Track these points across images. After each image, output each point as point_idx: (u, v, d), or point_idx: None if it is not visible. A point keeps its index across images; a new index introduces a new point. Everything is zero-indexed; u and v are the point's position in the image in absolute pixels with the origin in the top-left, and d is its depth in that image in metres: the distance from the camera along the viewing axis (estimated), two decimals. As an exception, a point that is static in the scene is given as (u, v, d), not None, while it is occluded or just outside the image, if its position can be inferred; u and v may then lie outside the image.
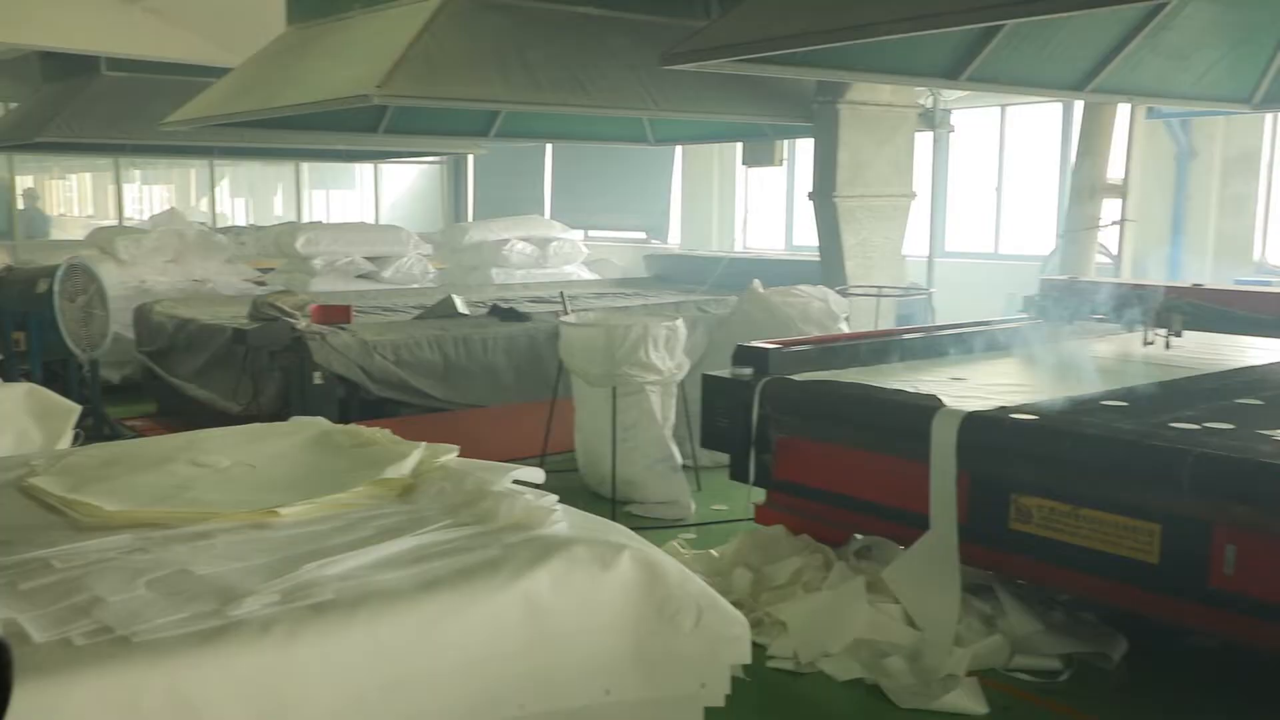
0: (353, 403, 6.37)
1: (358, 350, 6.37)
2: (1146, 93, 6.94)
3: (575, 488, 6.03)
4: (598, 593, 2.34)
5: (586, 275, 12.02)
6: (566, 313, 6.86)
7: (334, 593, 2.11)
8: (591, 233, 14.95)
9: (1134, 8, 5.77)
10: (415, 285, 10.74)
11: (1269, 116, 9.71)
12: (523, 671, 2.24)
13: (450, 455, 2.95)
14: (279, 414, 5.40)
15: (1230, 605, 3.33)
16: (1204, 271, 10.13)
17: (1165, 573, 3.46)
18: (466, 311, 7.61)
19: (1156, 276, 10.19)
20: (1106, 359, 5.31)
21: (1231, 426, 3.75)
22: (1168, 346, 5.40)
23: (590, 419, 6.00)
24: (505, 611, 2.22)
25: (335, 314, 6.90)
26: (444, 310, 7.63)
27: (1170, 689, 3.68)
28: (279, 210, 20.54)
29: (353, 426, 3.28)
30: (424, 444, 2.98)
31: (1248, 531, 3.28)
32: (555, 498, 2.63)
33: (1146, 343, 5.49)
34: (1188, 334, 5.46)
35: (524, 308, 7.95)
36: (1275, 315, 5.30)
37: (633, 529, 2.65)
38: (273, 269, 11.26)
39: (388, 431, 3.16)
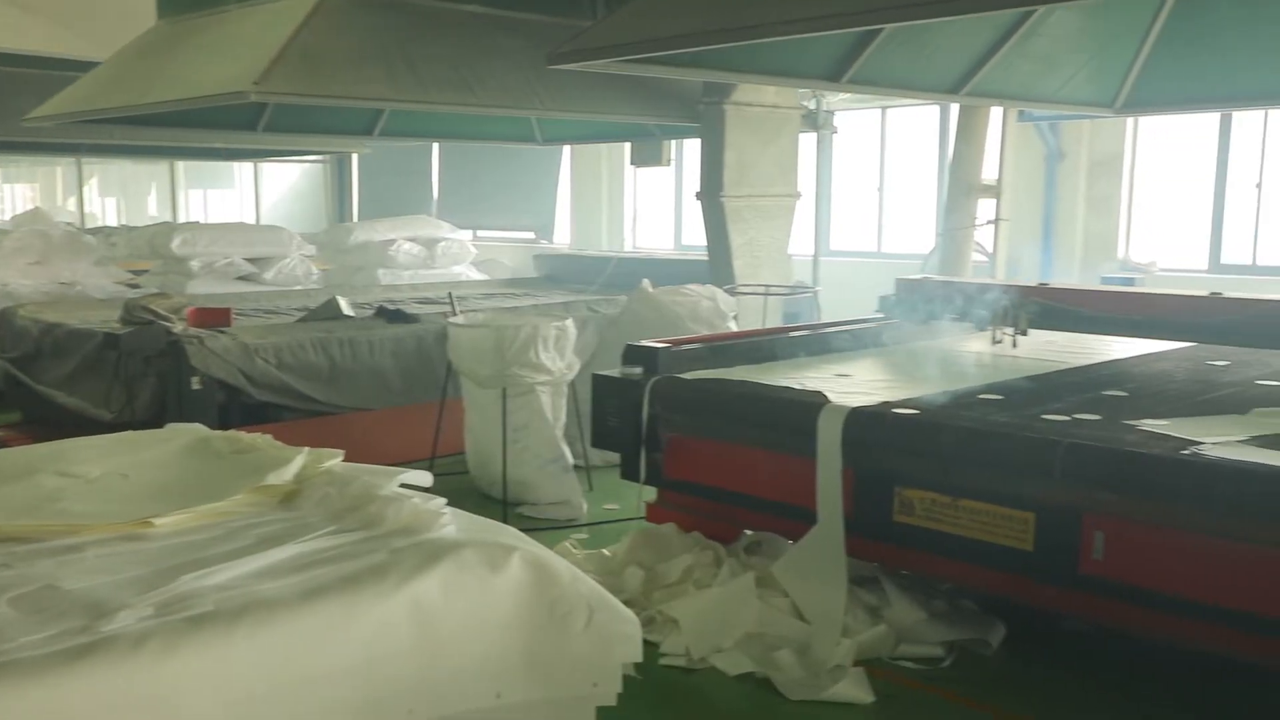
0: (233, 408, 6.19)
1: (238, 354, 6.19)
2: (1017, 96, 7.20)
3: (466, 490, 5.97)
4: (487, 595, 2.32)
5: (475, 276, 11.92)
6: (455, 313, 6.79)
7: (213, 604, 2.04)
8: (480, 233, 14.83)
9: (1004, 14, 5.97)
10: (298, 287, 10.50)
11: (1130, 120, 10.17)
12: (411, 677, 2.21)
13: (335, 460, 2.89)
14: (154, 421, 5.22)
15: (1099, 590, 3.47)
16: (1072, 269, 10.57)
17: (1039, 560, 3.59)
18: (352, 313, 7.46)
19: (1029, 274, 10.59)
20: (962, 357, 5.43)
21: (1099, 417, 3.91)
22: (1014, 345, 5.54)
23: (480, 420, 5.94)
24: (392, 617, 2.18)
25: (214, 317, 6.69)
26: (328, 312, 7.47)
27: (1046, 672, 3.82)
28: (153, 210, 19.84)
29: (232, 433, 3.18)
30: (307, 449, 2.91)
31: (1115, 518, 3.42)
32: (443, 501, 2.60)
33: (995, 341, 5.62)
34: (1035, 332, 5.61)
35: (411, 309, 7.84)
36: (1113, 314, 5.47)
37: (524, 530, 2.64)
38: (146, 271, 10.88)
39: (269, 437, 3.08)
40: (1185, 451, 3.35)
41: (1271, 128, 9.71)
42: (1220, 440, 3.47)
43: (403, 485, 2.70)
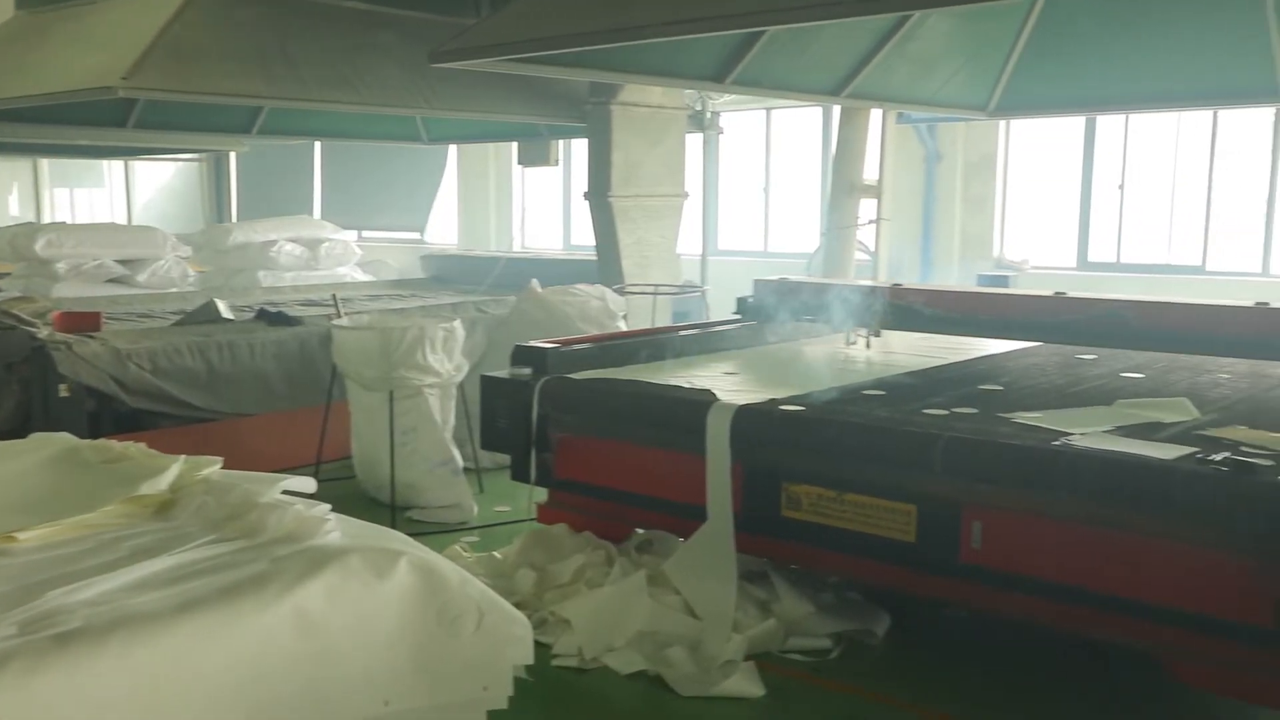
0: (105, 416, 5.95)
1: (109, 359, 5.96)
2: (896, 98, 7.39)
3: (353, 495, 5.86)
4: (374, 602, 2.28)
5: (361, 277, 11.72)
6: (339, 315, 6.65)
7: (81, 620, 1.96)
8: (365, 233, 14.57)
9: (882, 19, 6.12)
10: (174, 290, 10.18)
11: (1003, 123, 10.54)
12: (296, 689, 2.15)
13: (214, 467, 2.80)
14: (18, 431, 4.99)
15: (978, 578, 3.59)
16: (951, 267, 10.91)
17: (921, 550, 3.69)
18: (231, 316, 7.25)
19: (910, 272, 10.89)
20: (842, 356, 5.49)
21: (976, 411, 4.04)
22: (868, 346, 5.59)
23: (367, 424, 5.84)
24: (274, 628, 2.13)
25: (82, 321, 6.42)
26: (206, 315, 7.24)
27: (928, 658, 3.93)
28: (15, 210, 18.90)
29: (103, 441, 3.05)
30: (184, 457, 2.81)
31: (991, 509, 3.54)
32: (328, 507, 2.54)
33: (850, 343, 5.65)
34: (888, 333, 5.64)
35: (294, 311, 7.65)
36: (964, 314, 5.49)
37: (414, 534, 2.61)
38: (8, 274, 10.38)
39: (143, 445, 2.96)
40: (1056, 443, 3.48)
41: (1132, 131, 10.18)
42: (1088, 431, 3.62)
43: (285, 492, 2.63)
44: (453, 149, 13.78)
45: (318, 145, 14.39)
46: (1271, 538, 2.98)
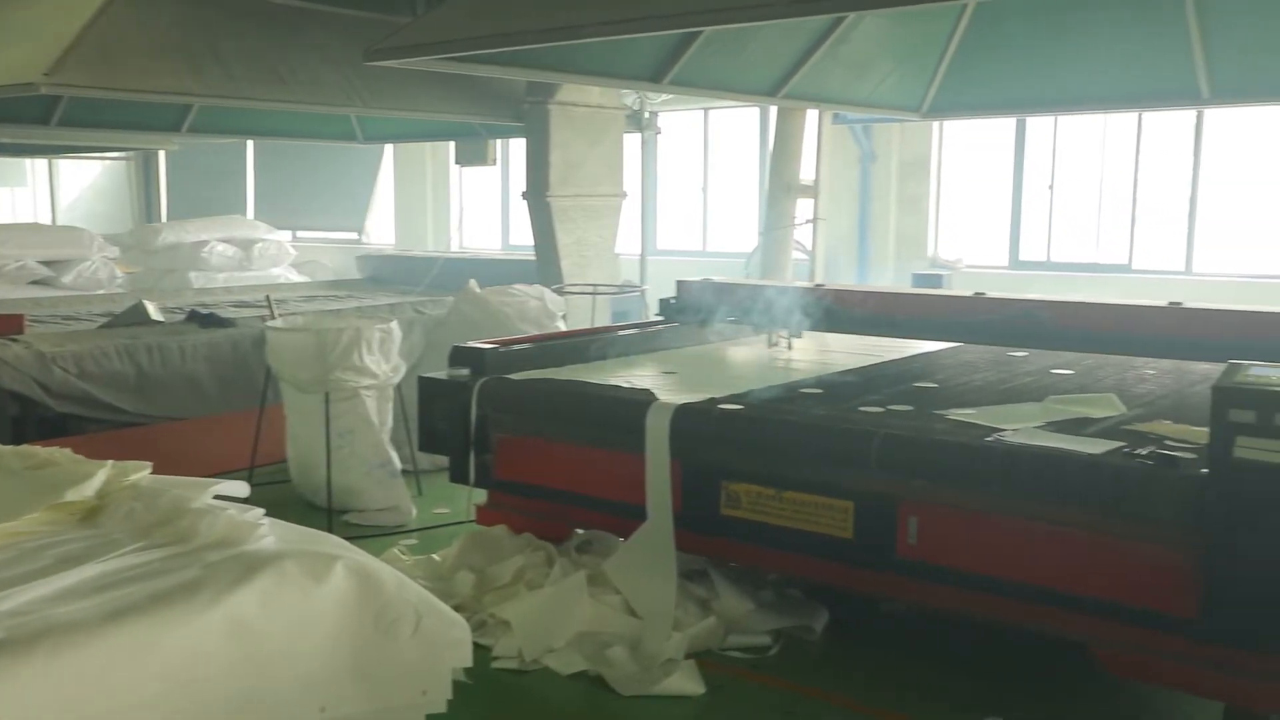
0: (29, 421, 5.81)
1: (32, 363, 5.81)
2: (831, 99, 7.47)
3: (289, 499, 5.78)
4: (309, 607, 2.24)
5: (295, 277, 11.56)
6: (273, 317, 6.55)
7: (4, 631, 1.90)
8: (300, 233, 14.37)
9: (817, 20, 6.18)
10: (101, 291, 9.96)
11: (936, 124, 10.71)
12: (229, 697, 2.11)
13: (143, 473, 2.73)
14: (-62, 437, 4.84)
15: (914, 573, 3.64)
16: (887, 266, 11.05)
17: (859, 546, 3.73)
18: (160, 318, 7.11)
19: (847, 271, 11.02)
20: (747, 359, 5.46)
21: (911, 408, 4.09)
22: (789, 347, 5.53)
23: (303, 426, 5.76)
24: (207, 635, 2.08)
25: (4, 324, 6.28)
26: (135, 317, 7.09)
27: (867, 653, 3.98)
28: (-67, 210, 18.35)
29: (26, 447, 2.96)
30: (111, 462, 2.74)
31: (927, 504, 3.59)
32: (261, 511, 2.50)
33: (771, 344, 5.59)
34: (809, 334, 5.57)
35: (226, 312, 7.53)
36: (886, 314, 5.50)
37: (351, 538, 2.57)
38: (-74, 276, 10.07)
39: (68, 451, 2.88)
40: (989, 439, 3.54)
41: (1061, 133, 10.40)
42: (1020, 427, 3.69)
43: (217, 497, 2.58)
44: (389, 148, 13.64)
45: (250, 144, 14.15)
46: (1195, 529, 3.06)
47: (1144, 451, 3.29)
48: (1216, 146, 9.70)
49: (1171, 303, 4.95)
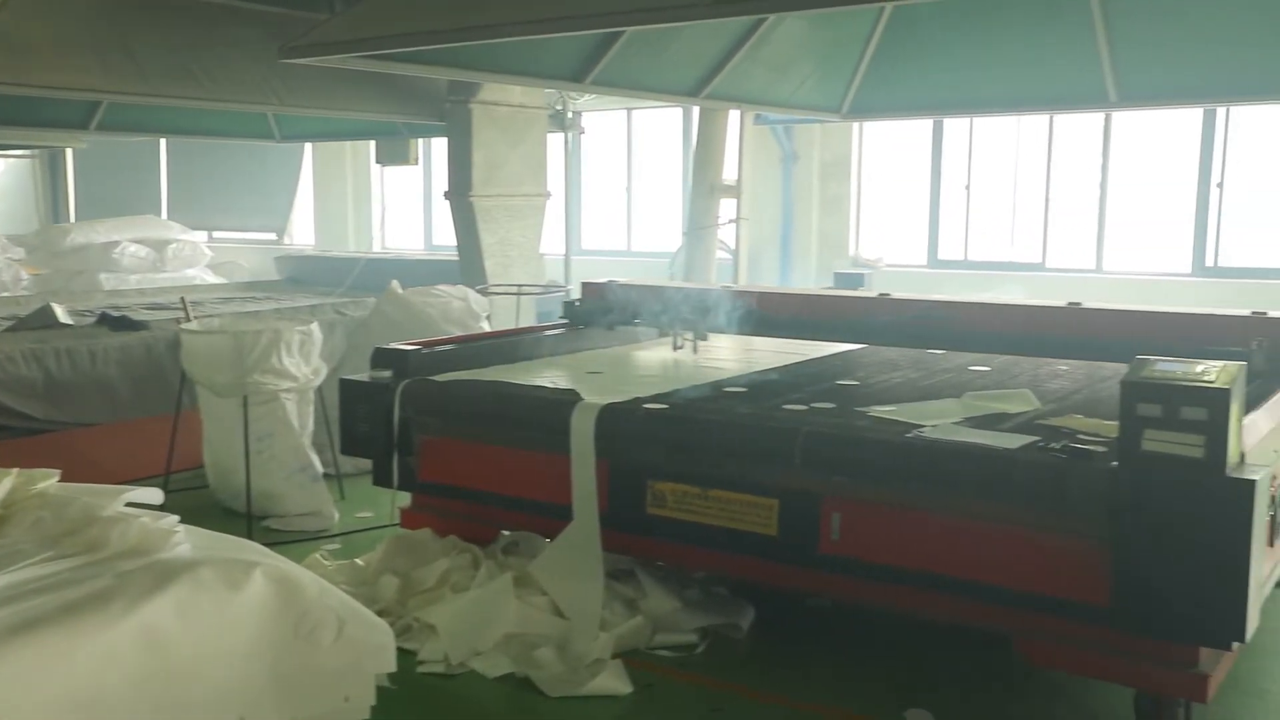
0: (-70, 429, 5.60)
1: (-66, 369, 5.60)
2: (752, 100, 7.53)
3: (207, 506, 5.67)
4: (227, 615, 2.20)
5: (211, 279, 11.31)
6: (189, 319, 6.39)
7: (-96, 648, 1.83)
8: (216, 234, 14.06)
9: (737, 21, 6.23)
10: (5, 294, 9.62)
11: (856, 125, 10.86)
12: (143, 709, 2.06)
13: (50, 481, 2.65)
14: None
15: (837, 568, 3.68)
16: (809, 266, 11.18)
17: (783, 543, 3.76)
18: (69, 321, 6.90)
19: (770, 270, 11.13)
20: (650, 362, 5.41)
21: (834, 406, 4.14)
22: (695, 350, 5.42)
23: (220, 431, 5.64)
24: (119, 647, 2.03)
25: (-97, 328, 6.02)
26: (42, 320, 6.88)
27: (793, 649, 4.02)
28: None
29: (-74, 456, 2.86)
30: (17, 470, 2.65)
31: (849, 500, 3.64)
32: (176, 518, 2.44)
33: (676, 347, 5.46)
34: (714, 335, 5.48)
35: (139, 315, 7.34)
36: (793, 316, 5.42)
37: (271, 544, 2.53)
38: None
39: (-29, 459, 2.79)
40: (909, 434, 3.60)
41: (977, 135, 10.63)
42: (939, 423, 3.76)
43: (130, 504, 2.51)
44: (308, 147, 13.42)
45: (164, 142, 13.80)
46: (1106, 521, 3.14)
47: (1057, 446, 3.37)
48: (1124, 148, 10.00)
49: (1070, 303, 5.00)
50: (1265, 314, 4.08)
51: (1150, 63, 6.84)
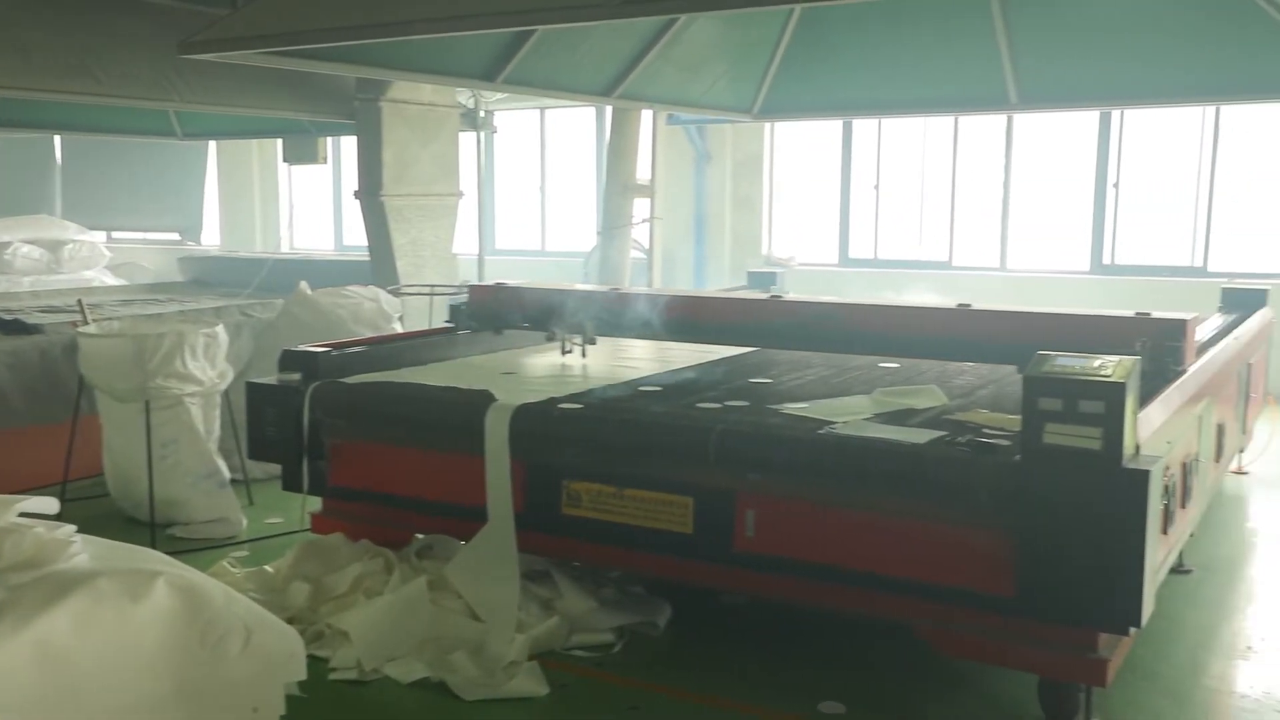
0: None
1: None
2: (664, 100, 7.57)
3: (107, 515, 5.51)
4: (128, 628, 2.14)
5: (111, 280, 10.97)
6: (86, 322, 6.18)
7: None
8: (116, 234, 13.63)
9: (648, 22, 6.25)
10: (-111, 297, 9.18)
11: (767, 125, 10.98)
12: (40, 728, 1.99)
13: (-63, 492, 2.55)
14: None
15: (752, 565, 3.72)
16: (723, 265, 11.26)
17: (698, 541, 3.79)
18: (-42, 325, 6.61)
19: (684, 270, 11.18)
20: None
21: (747, 404, 4.18)
22: (584, 355, 5.32)
23: (120, 438, 5.47)
24: (13, 662, 1.96)
25: None
26: (-71, 325, 6.58)
27: (709, 646, 4.04)
28: None
29: None
30: (-99, 482, 2.55)
31: (763, 497, 3.68)
32: (73, 528, 2.36)
33: (565, 350, 5.31)
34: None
35: (33, 318, 7.07)
36: (683, 319, 5.22)
37: (175, 553, 2.47)
38: None
39: None
40: (821, 431, 3.65)
41: (885, 135, 10.82)
42: (850, 419, 3.82)
43: (24, 514, 2.42)
44: (211, 144, 13.09)
45: (58, 139, 13.33)
46: (1010, 512, 3.23)
47: (963, 440, 3.45)
48: (1026, 149, 10.28)
49: (960, 304, 5.00)
50: (1149, 314, 4.22)
51: (1049, 67, 7.06)
